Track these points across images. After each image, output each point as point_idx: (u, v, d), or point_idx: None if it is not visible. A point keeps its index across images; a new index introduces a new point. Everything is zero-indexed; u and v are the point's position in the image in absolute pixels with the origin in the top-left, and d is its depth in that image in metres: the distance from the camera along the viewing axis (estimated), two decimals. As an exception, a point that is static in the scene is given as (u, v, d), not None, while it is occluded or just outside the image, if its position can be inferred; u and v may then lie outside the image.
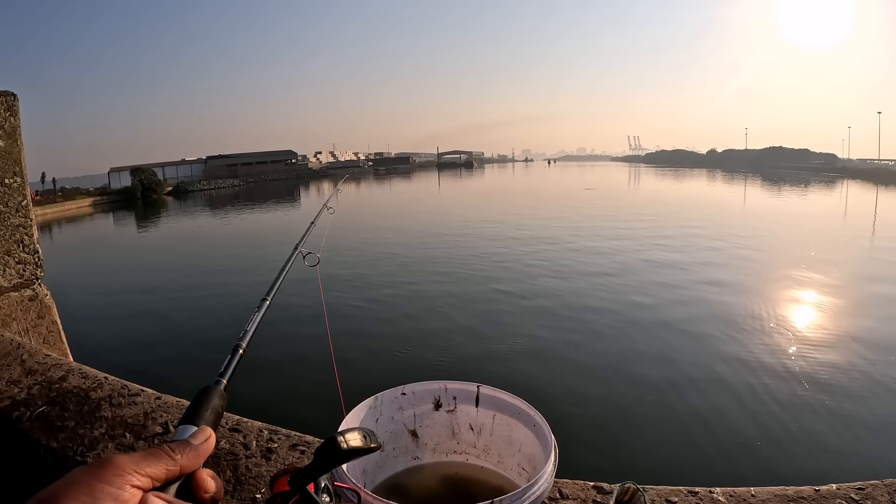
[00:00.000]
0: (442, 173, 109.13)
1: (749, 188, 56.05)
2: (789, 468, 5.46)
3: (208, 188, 74.06)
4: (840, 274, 13.73)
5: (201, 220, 35.99)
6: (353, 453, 0.91)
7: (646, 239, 19.38)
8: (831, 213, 31.79)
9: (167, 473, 0.63)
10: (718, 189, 57.18)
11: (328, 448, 0.90)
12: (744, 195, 47.58)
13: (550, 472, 1.31)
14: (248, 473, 2.22)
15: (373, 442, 0.95)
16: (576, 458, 5.01)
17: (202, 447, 0.70)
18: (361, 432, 0.94)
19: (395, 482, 1.68)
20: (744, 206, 36.74)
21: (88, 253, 23.55)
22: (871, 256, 17.62)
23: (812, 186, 59.00)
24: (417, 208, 36.46)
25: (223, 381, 0.90)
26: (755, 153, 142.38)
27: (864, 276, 13.94)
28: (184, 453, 0.66)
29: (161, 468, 0.62)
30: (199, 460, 0.68)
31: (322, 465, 0.91)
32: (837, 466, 5.47)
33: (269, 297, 1.31)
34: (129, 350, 9.41)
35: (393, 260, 16.42)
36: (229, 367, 0.96)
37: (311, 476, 0.93)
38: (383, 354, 8.50)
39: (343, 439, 0.90)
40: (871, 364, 7.90)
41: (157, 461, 0.62)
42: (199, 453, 0.69)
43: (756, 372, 7.67)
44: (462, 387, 1.68)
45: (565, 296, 11.79)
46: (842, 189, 55.07)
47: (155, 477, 0.61)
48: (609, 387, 7.39)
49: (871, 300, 11.37)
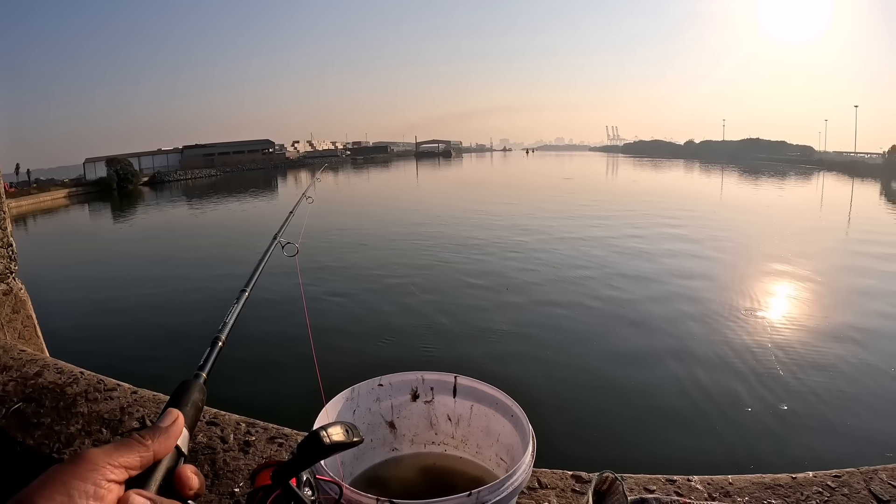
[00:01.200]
0: (420, 162, 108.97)
1: (726, 179, 56.46)
2: (767, 457, 5.52)
3: (185, 178, 73.24)
4: (817, 264, 13.89)
5: (178, 210, 35.61)
6: (335, 448, 0.91)
7: (619, 229, 19.52)
8: (810, 205, 32.17)
9: (141, 461, 0.62)
10: (697, 180, 57.70)
11: (311, 443, 0.90)
12: (721, 186, 47.98)
13: (528, 462, 1.31)
14: (226, 467, 2.21)
15: (355, 436, 0.95)
16: (555, 448, 5.03)
17: (171, 429, 0.69)
18: (344, 426, 0.94)
19: (373, 474, 1.68)
20: (721, 198, 37.01)
21: (64, 246, 23.19)
22: (846, 248, 17.86)
23: (789, 178, 59.56)
24: (396, 198, 36.35)
25: (203, 375, 0.88)
26: (733, 145, 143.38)
27: (839, 265, 14.13)
28: (154, 438, 0.65)
29: (134, 456, 0.61)
30: (170, 443, 0.67)
31: (305, 459, 0.91)
32: (815, 455, 5.54)
33: (248, 289, 1.29)
34: (106, 344, 9.30)
35: (370, 251, 16.35)
36: (209, 360, 0.94)
37: (293, 471, 0.93)
38: (363, 346, 8.48)
39: (326, 434, 0.90)
40: (849, 352, 8.03)
41: (130, 450, 0.62)
42: (170, 435, 0.68)
43: (733, 363, 7.76)
44: (439, 378, 1.68)
45: (544, 287, 11.84)
46: (818, 181, 55.65)
47: (129, 466, 0.60)
48: (589, 377, 7.44)
49: (847, 289, 11.55)
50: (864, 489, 2.06)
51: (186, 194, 49.45)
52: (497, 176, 66.39)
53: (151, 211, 37.19)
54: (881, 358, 7.84)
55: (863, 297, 10.87)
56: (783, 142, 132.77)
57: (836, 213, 28.29)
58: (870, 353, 8.01)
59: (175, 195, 49.21)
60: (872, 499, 2.00)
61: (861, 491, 2.05)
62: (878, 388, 6.98)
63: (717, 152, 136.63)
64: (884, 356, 7.89)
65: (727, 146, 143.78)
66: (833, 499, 2.01)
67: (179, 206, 39.31)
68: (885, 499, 1.99)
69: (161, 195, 50.02)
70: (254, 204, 36.70)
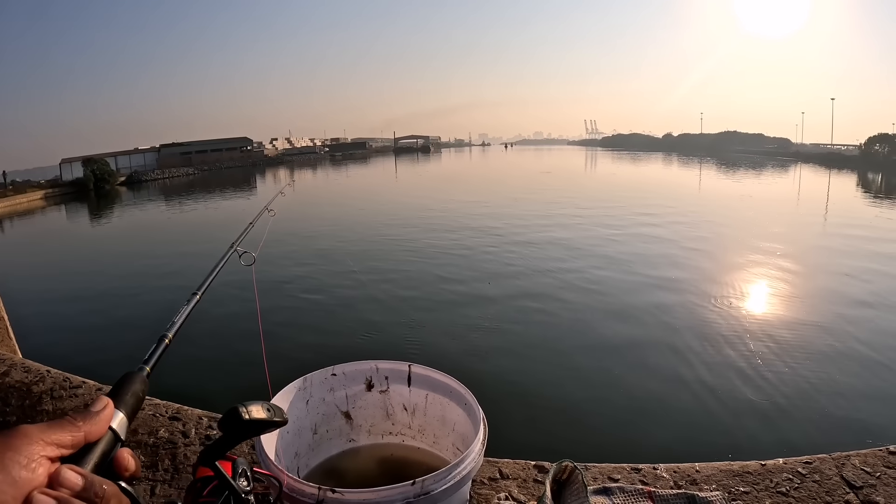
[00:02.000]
0: (399, 158, 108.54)
1: (705, 172, 56.86)
2: (736, 445, 5.54)
3: (162, 177, 72.42)
4: (794, 252, 14.02)
5: (154, 211, 35.16)
6: (256, 424, 0.92)
7: (594, 220, 19.56)
8: (788, 197, 32.48)
9: (73, 440, 0.65)
10: (676, 172, 58.05)
11: (230, 419, 0.91)
12: (699, 178, 48.31)
13: (478, 450, 1.31)
14: (186, 461, 2.20)
15: (277, 416, 0.95)
16: (520, 439, 5.05)
17: (101, 414, 0.71)
18: (265, 405, 0.95)
19: (330, 465, 1.68)
20: (699, 189, 37.21)
21: (39, 247, 22.87)
22: (824, 237, 18.09)
23: (767, 170, 60.07)
24: (373, 192, 36.27)
25: (146, 368, 0.92)
26: (710, 137, 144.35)
27: (816, 254, 14.29)
28: (85, 421, 0.68)
29: (66, 435, 0.64)
30: (101, 426, 0.70)
31: (229, 437, 0.92)
32: (788, 442, 5.56)
33: (200, 292, 1.32)
34: (77, 343, 9.21)
35: (330, 248, 16.19)
36: (154, 356, 0.99)
37: (220, 450, 0.93)
38: (318, 339, 8.40)
39: (245, 410, 0.91)
40: (823, 340, 8.09)
41: (62, 429, 0.64)
42: (100, 419, 0.71)
43: (705, 351, 7.78)
44: (393, 366, 1.68)
45: (512, 278, 11.79)
46: (795, 172, 56.19)
47: (61, 444, 0.63)
48: (554, 368, 7.41)
49: (825, 276, 11.70)
50: (836, 475, 2.07)
51: (164, 194, 48.85)
52: (476, 170, 66.37)
53: (129, 211, 36.72)
54: (857, 345, 7.91)
55: (841, 286, 10.97)
56: (761, 134, 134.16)
57: (813, 203, 28.60)
58: (845, 340, 8.07)
59: (153, 195, 48.61)
60: (844, 485, 2.02)
61: (833, 477, 2.06)
62: (855, 376, 7.04)
63: (695, 145, 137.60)
64: (861, 344, 7.96)
65: (705, 139, 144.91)
66: (804, 485, 2.02)
67: (156, 206, 38.79)
68: (857, 485, 2.01)
69: (138, 195, 49.39)
70: (233, 203, 36.33)
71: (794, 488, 2.00)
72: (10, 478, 0.55)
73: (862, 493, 1.96)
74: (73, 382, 2.92)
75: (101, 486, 0.62)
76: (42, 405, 2.69)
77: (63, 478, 0.59)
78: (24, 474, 0.56)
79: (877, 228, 19.38)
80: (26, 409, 2.65)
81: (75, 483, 0.60)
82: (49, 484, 0.59)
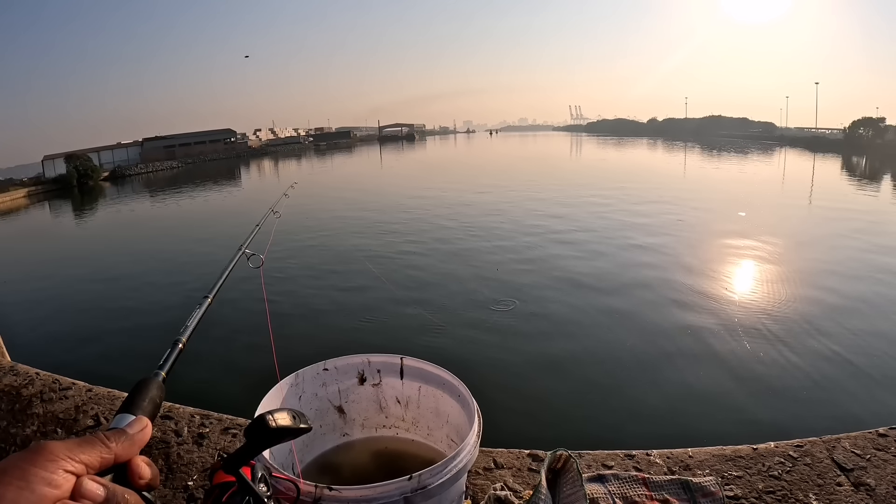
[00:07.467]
0: (384, 147, 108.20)
1: (689, 156, 56.99)
2: (728, 429, 5.55)
3: (146, 171, 71.85)
4: (779, 236, 14.09)
5: (138, 206, 34.87)
6: (282, 433, 0.92)
7: (582, 207, 19.57)
8: (773, 179, 32.65)
9: (101, 461, 0.63)
10: (662, 157, 58.20)
11: (257, 427, 0.91)
12: (684, 162, 48.43)
13: (473, 442, 1.31)
14: (180, 461, 2.19)
15: (303, 422, 0.95)
16: (515, 429, 5.06)
17: (137, 437, 0.70)
18: (290, 412, 0.95)
19: (324, 460, 1.68)
20: (684, 173, 37.30)
21: (24, 247, 22.62)
22: (810, 220, 18.20)
23: (752, 153, 60.31)
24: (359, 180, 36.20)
25: (161, 374, 0.92)
26: (695, 122, 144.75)
27: (802, 238, 14.37)
28: (119, 442, 0.66)
29: (95, 455, 0.62)
30: (134, 449, 0.68)
31: (253, 445, 0.92)
32: (776, 425, 5.61)
33: (211, 296, 1.31)
34: (66, 344, 9.11)
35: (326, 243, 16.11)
36: (168, 361, 0.98)
37: (244, 458, 0.93)
38: (314, 335, 8.40)
39: (272, 418, 0.91)
40: (809, 323, 8.14)
41: (92, 448, 0.62)
42: (135, 442, 0.69)
43: (689, 335, 7.81)
44: (385, 359, 1.68)
45: (501, 265, 11.79)
46: (781, 156, 56.44)
47: (89, 464, 0.61)
48: (548, 357, 7.41)
49: (811, 261, 11.76)
50: (827, 458, 2.10)
51: (148, 188, 48.42)
52: (461, 157, 66.30)
53: (112, 207, 36.37)
54: (846, 328, 7.97)
55: (827, 269, 11.01)
56: (745, 118, 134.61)
57: (798, 186, 28.77)
58: (834, 324, 8.12)
59: (137, 189, 48.21)
60: (835, 467, 2.04)
61: (824, 460, 2.09)
62: (844, 359, 7.08)
63: (680, 130, 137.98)
64: (849, 327, 8.01)
65: (690, 123, 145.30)
66: (795, 469, 2.04)
67: (140, 201, 38.46)
68: (848, 467, 2.03)
69: (122, 190, 48.99)
70: (220, 195, 36.08)
71: (786, 472, 2.02)
72: (32, 495, 0.54)
73: (853, 475, 1.98)
74: (62, 384, 2.90)
75: (123, 497, 0.62)
76: (32, 408, 2.67)
77: (85, 489, 0.59)
78: (47, 490, 0.55)
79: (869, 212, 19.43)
80: (16, 414, 2.62)
81: (97, 495, 0.59)
82: (71, 496, 0.58)
